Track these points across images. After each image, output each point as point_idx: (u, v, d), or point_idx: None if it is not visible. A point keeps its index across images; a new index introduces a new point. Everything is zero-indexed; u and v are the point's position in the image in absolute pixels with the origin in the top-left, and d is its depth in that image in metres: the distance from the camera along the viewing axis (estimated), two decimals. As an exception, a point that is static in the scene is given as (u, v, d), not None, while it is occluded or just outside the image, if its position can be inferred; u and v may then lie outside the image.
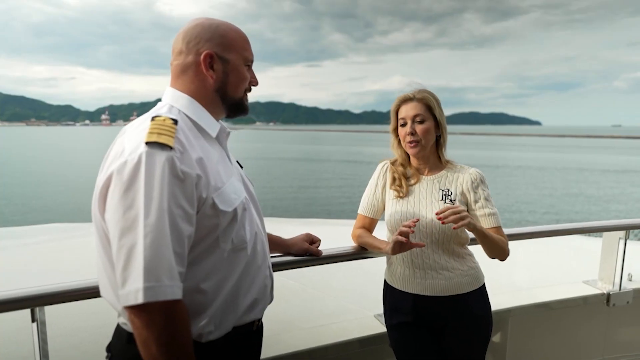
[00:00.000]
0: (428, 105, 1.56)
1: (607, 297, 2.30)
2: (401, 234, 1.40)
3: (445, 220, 1.34)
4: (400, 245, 1.43)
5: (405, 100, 1.59)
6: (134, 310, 0.89)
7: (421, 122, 1.54)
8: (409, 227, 1.40)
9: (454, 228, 1.33)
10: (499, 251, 1.51)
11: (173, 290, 0.90)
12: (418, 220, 1.44)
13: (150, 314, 0.89)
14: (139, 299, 0.87)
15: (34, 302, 1.28)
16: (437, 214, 1.37)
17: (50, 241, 4.02)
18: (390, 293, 1.65)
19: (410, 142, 1.56)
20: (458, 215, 1.33)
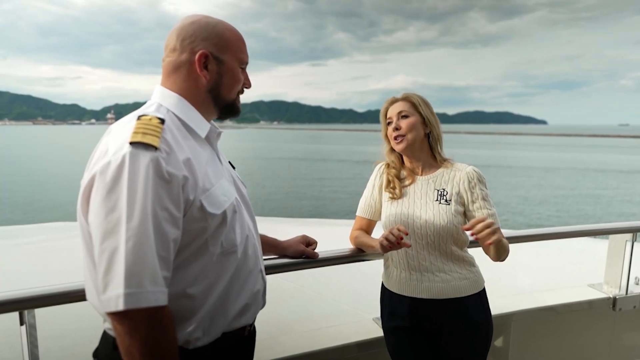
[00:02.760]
0: (412, 102, 1.57)
1: (613, 302, 2.25)
2: (390, 236, 1.35)
3: (479, 236, 1.27)
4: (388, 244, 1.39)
5: (391, 102, 1.61)
6: (116, 316, 0.86)
7: (405, 117, 1.55)
8: (401, 231, 1.35)
9: (488, 244, 1.26)
10: (505, 256, 1.50)
11: (156, 296, 0.87)
12: (407, 233, 1.38)
13: (133, 320, 0.86)
14: (120, 306, 0.84)
15: (22, 305, 1.25)
16: (465, 229, 1.31)
17: (50, 240, 4.00)
18: (387, 296, 1.62)
19: (396, 138, 1.55)
20: (490, 230, 1.26)
